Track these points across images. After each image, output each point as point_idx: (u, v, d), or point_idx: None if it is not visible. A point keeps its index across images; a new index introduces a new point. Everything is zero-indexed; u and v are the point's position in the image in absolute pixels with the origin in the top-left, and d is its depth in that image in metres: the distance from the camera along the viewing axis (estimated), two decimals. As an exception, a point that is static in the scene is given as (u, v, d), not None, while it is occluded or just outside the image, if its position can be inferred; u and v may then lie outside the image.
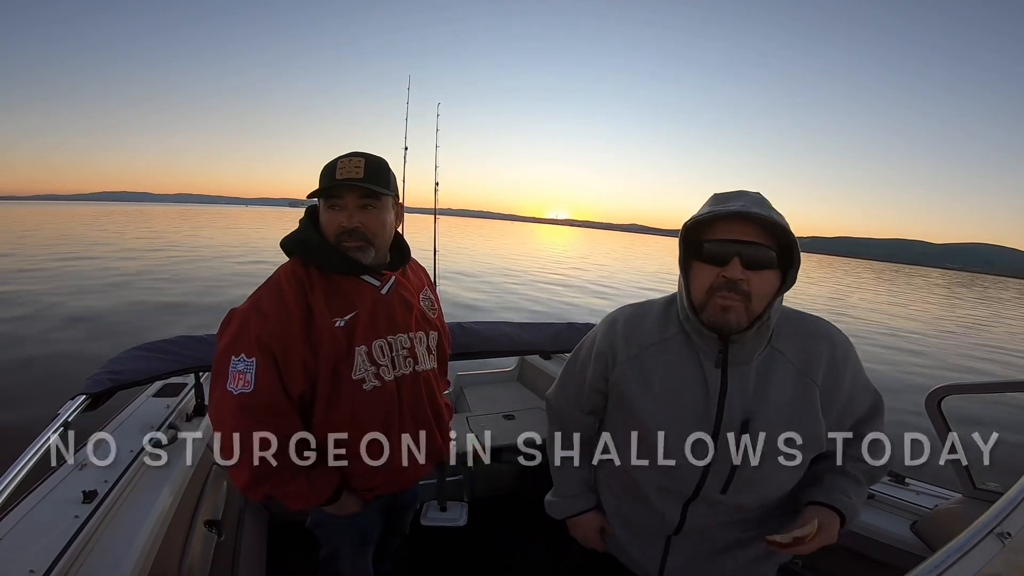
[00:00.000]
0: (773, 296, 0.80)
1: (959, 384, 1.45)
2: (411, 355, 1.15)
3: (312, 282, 1.06)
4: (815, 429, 0.84)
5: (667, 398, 0.88)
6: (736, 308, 0.79)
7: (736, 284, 0.78)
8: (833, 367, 0.86)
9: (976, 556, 0.81)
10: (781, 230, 0.79)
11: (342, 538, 1.25)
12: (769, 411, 0.84)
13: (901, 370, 8.13)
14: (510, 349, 2.11)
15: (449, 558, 2.06)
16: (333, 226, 1.07)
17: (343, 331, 1.05)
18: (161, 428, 1.65)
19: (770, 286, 0.80)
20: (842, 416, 0.90)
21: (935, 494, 1.49)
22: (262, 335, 0.99)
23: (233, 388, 0.98)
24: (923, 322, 14.96)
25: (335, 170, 1.04)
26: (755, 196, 0.82)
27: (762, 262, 0.79)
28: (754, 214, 0.77)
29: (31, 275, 10.78)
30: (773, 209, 0.81)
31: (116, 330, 6.73)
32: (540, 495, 1.20)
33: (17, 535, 1.08)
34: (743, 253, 0.78)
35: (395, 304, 1.15)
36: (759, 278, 0.79)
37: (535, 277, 17.16)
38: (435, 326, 1.26)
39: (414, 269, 1.29)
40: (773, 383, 0.85)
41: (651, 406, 0.89)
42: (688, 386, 0.87)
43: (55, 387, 4.47)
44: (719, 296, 0.80)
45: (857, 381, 0.90)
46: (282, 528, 2.05)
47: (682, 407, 0.87)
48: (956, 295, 32.77)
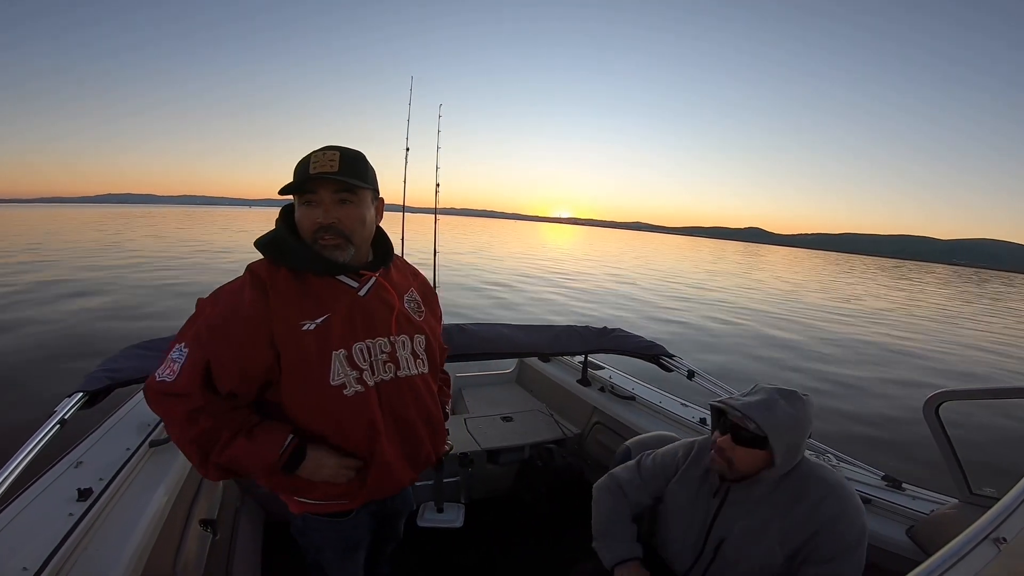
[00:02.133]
0: (758, 466, 1.13)
1: (957, 391, 1.46)
2: (391, 359, 1.09)
3: (276, 283, 1.00)
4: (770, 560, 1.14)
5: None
6: (720, 465, 1.16)
7: (722, 450, 1.15)
8: (819, 533, 1.10)
9: (972, 561, 0.81)
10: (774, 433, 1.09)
11: (324, 545, 1.19)
12: (740, 539, 1.17)
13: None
14: (509, 351, 2.11)
15: (446, 559, 2.06)
16: (308, 223, 1.01)
17: (313, 335, 0.99)
18: (157, 427, 1.64)
19: (753, 459, 1.12)
20: (804, 558, 1.12)
21: (931, 499, 1.49)
22: (201, 329, 0.97)
23: (159, 373, 0.97)
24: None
25: (308, 164, 0.99)
26: (766, 398, 1.12)
27: (745, 441, 1.11)
28: (751, 419, 1.10)
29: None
30: (779, 414, 1.09)
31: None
32: (537, 497, 1.20)
33: (11, 532, 1.08)
34: (737, 434, 1.12)
35: (374, 306, 1.08)
36: (743, 452, 1.12)
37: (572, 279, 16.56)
38: (421, 329, 1.17)
39: (399, 268, 1.22)
40: (754, 520, 1.16)
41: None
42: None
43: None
44: (715, 451, 1.18)
45: (846, 552, 1.09)
46: (277, 527, 2.05)
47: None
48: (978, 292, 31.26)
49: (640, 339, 2.30)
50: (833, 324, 11.86)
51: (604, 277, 18.55)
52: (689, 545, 1.23)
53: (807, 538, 1.09)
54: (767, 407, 1.09)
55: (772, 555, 1.12)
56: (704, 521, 1.22)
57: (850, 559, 1.07)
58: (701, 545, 1.21)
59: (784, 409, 1.09)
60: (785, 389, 1.13)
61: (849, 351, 8.95)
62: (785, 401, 1.10)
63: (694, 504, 1.24)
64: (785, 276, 28.90)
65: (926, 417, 1.46)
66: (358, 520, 1.18)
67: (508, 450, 2.36)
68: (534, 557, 2.12)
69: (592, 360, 2.74)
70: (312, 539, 1.19)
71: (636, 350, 2.23)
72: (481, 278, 14.77)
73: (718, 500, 1.21)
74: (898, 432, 5.02)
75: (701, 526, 1.22)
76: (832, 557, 1.07)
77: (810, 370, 7.34)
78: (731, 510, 1.19)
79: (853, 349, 9.16)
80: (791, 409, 1.09)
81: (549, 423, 2.57)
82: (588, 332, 2.31)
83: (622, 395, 2.42)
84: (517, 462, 2.40)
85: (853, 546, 1.07)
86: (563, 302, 12.02)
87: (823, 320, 12.39)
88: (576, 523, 2.27)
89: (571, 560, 1.39)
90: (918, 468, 3.98)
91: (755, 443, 1.10)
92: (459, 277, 14.47)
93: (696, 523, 1.23)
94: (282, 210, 1.09)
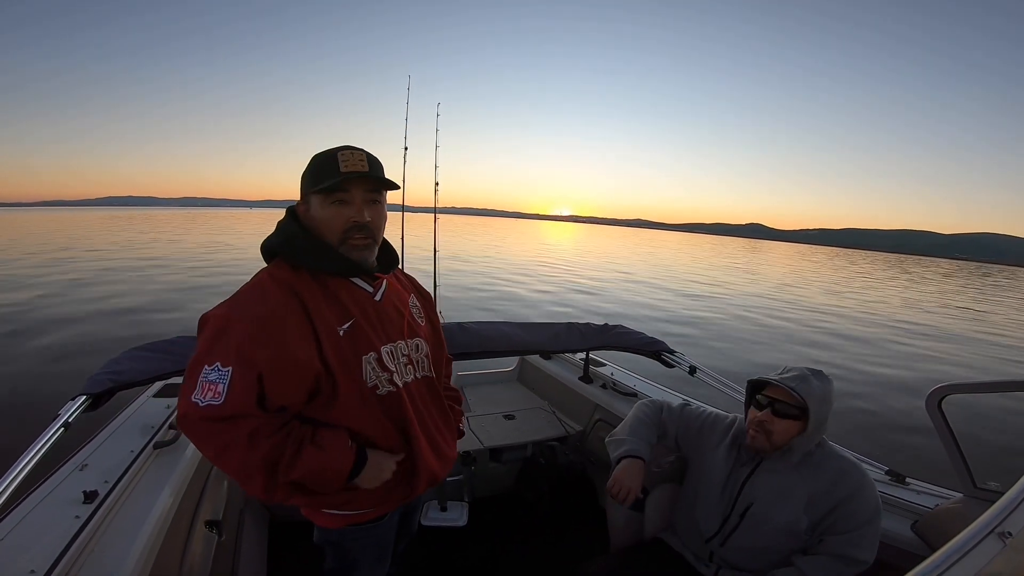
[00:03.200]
0: (793, 435, 1.24)
1: (960, 384, 1.45)
2: (410, 362, 1.10)
3: (301, 285, 0.97)
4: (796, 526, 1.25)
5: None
6: (758, 439, 1.27)
7: (762, 424, 1.25)
8: (837, 508, 1.22)
9: (977, 556, 0.81)
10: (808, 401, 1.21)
11: (360, 556, 1.16)
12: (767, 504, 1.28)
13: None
14: (511, 349, 2.11)
15: (449, 558, 2.06)
16: (340, 222, 0.98)
17: (347, 339, 0.98)
18: (161, 428, 1.65)
19: (788, 429, 1.24)
20: (824, 529, 1.23)
21: (936, 493, 1.48)
22: (241, 341, 0.89)
23: (200, 399, 0.87)
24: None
25: (337, 163, 0.97)
26: (800, 374, 1.24)
27: (786, 414, 1.23)
28: (793, 390, 1.21)
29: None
30: (813, 386, 1.21)
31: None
32: (540, 495, 1.20)
33: (18, 535, 1.08)
34: (775, 407, 1.25)
35: (388, 310, 1.09)
36: (781, 424, 1.23)
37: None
38: (426, 335, 1.19)
39: (397, 275, 1.23)
40: (781, 484, 1.27)
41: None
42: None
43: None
44: (753, 429, 1.28)
45: (860, 528, 1.20)
46: (282, 528, 2.05)
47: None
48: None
49: (641, 335, 2.30)
50: (898, 338, 10.43)
51: (651, 287, 16.15)
52: (718, 511, 1.33)
53: (828, 510, 1.22)
54: (803, 379, 1.23)
55: (797, 519, 1.23)
56: (733, 488, 1.32)
57: (869, 532, 1.19)
58: (728, 510, 1.32)
59: (816, 383, 1.23)
60: (813, 368, 1.27)
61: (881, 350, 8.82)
62: (815, 377, 1.24)
63: (724, 474, 1.35)
64: (807, 275, 27.77)
65: (929, 411, 1.45)
66: (391, 523, 1.18)
67: (511, 448, 2.36)
68: (538, 555, 2.13)
69: (593, 357, 2.74)
70: (350, 551, 1.15)
71: (637, 346, 2.22)
72: (496, 288, 13.34)
73: (747, 469, 1.32)
74: (901, 425, 5.01)
75: (731, 493, 1.32)
76: (849, 529, 1.19)
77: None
78: (760, 478, 1.30)
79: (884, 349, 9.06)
80: (820, 383, 1.23)
81: (551, 421, 2.57)
82: (589, 329, 2.31)
83: (624, 392, 2.42)
84: (520, 460, 2.41)
85: (869, 520, 1.20)
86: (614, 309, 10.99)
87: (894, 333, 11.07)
88: (579, 520, 2.27)
89: (575, 557, 1.40)
90: (922, 462, 3.98)
91: (794, 414, 1.22)
92: (463, 278, 14.36)
93: (726, 491, 1.34)
94: (289, 211, 1.05)
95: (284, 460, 0.90)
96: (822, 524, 1.23)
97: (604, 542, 1.58)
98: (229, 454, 0.89)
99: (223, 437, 0.89)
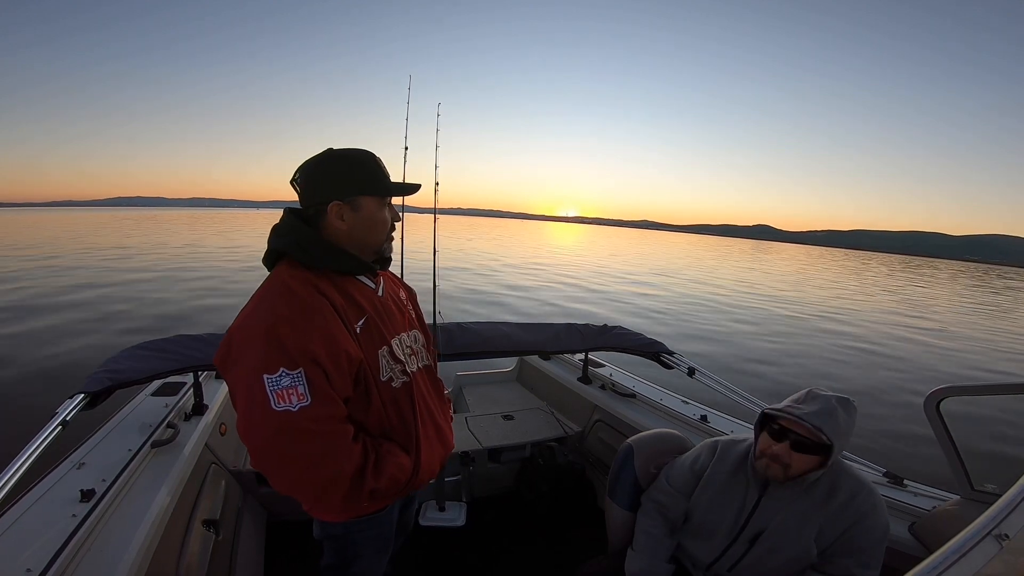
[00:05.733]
0: (811, 468, 1.15)
1: (958, 386, 1.44)
2: (414, 352, 1.16)
3: (321, 284, 0.98)
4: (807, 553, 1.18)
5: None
6: (775, 471, 1.17)
7: (778, 457, 1.15)
8: (850, 529, 1.15)
9: (974, 558, 0.80)
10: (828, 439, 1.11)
11: (363, 549, 1.16)
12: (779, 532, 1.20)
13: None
14: (510, 349, 2.11)
15: (448, 558, 2.06)
16: (387, 223, 1.09)
17: (364, 334, 1.01)
18: (160, 427, 1.65)
19: (807, 463, 1.14)
20: (834, 551, 1.17)
21: (933, 495, 1.48)
22: (298, 341, 0.87)
23: (290, 406, 0.84)
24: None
25: (383, 170, 1.06)
26: (826, 406, 1.12)
27: (806, 448, 1.13)
28: (819, 430, 1.10)
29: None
30: (840, 423, 1.10)
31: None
32: (538, 495, 1.20)
33: (15, 534, 1.09)
34: (793, 439, 1.14)
35: (390, 304, 1.14)
36: (801, 458, 1.14)
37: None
38: (419, 327, 1.26)
39: (384, 272, 1.26)
40: (794, 512, 1.19)
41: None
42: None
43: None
44: (768, 459, 1.18)
45: (871, 548, 1.15)
46: (279, 527, 2.06)
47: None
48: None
49: (640, 336, 2.30)
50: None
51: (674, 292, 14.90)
52: (719, 538, 1.26)
53: (843, 531, 1.15)
54: (830, 415, 1.11)
55: (808, 547, 1.17)
56: (739, 514, 1.25)
57: (877, 552, 1.15)
58: (734, 536, 1.24)
59: (843, 416, 1.12)
60: (840, 396, 1.15)
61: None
62: (842, 408, 1.13)
63: (725, 498, 1.27)
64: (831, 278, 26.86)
65: (927, 413, 1.44)
66: (391, 514, 1.19)
67: (509, 448, 2.36)
68: (536, 555, 2.12)
69: (593, 358, 2.74)
70: (354, 544, 1.15)
71: (636, 347, 2.22)
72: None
73: (756, 494, 1.24)
74: (899, 428, 4.98)
75: (735, 519, 1.25)
76: (862, 548, 1.15)
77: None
78: (770, 503, 1.22)
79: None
80: (847, 415, 1.13)
81: (550, 421, 2.57)
82: (588, 330, 2.31)
83: (623, 393, 2.41)
84: (518, 460, 2.41)
85: (880, 540, 1.16)
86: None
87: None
88: (578, 521, 2.27)
89: (574, 558, 1.39)
90: (919, 464, 3.96)
91: (816, 450, 1.12)
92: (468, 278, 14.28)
93: (728, 517, 1.26)
94: (291, 212, 1.04)
95: (369, 466, 0.93)
96: (834, 545, 1.18)
97: (602, 542, 1.57)
98: (327, 463, 0.88)
99: (320, 441, 0.87)
